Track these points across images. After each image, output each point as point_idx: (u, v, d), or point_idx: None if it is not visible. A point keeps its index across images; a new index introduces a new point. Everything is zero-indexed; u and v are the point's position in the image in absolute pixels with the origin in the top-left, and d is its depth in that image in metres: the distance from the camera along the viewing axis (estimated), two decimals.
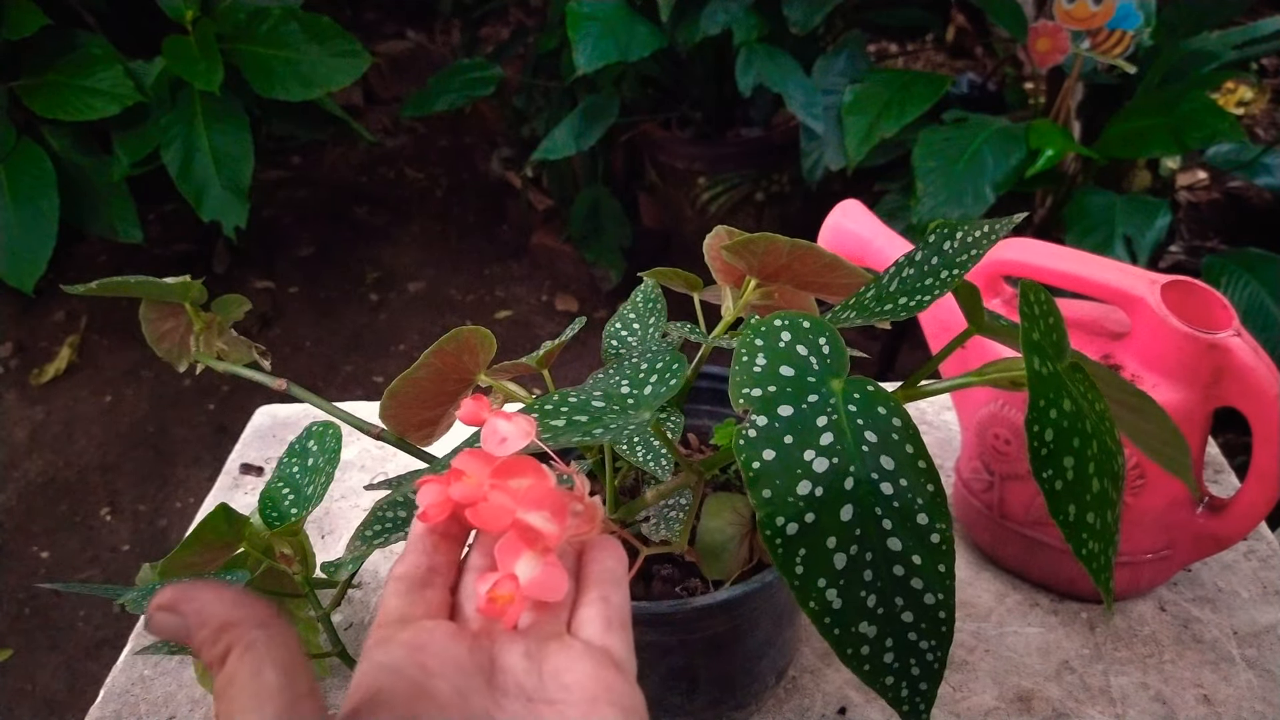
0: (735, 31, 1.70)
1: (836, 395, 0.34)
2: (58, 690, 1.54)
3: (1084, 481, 0.34)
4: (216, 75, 1.70)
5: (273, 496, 0.48)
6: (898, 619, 0.33)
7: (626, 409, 0.38)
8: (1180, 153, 1.55)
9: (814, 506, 0.32)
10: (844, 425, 0.33)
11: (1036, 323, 0.34)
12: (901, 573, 0.33)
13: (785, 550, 0.32)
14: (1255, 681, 0.59)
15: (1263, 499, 0.57)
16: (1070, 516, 0.33)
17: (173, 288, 0.59)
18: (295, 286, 2.40)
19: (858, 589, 0.32)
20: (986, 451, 0.64)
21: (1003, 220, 0.40)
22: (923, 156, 1.50)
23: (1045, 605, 0.66)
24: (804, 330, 0.36)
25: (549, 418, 0.37)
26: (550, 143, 1.84)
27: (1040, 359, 0.33)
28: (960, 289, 0.39)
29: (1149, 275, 0.57)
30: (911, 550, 0.33)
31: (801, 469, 0.32)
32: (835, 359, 0.36)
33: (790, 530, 0.32)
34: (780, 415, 0.33)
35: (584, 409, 0.38)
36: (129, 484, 1.93)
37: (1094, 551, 0.34)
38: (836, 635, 0.32)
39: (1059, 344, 0.35)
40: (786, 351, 0.35)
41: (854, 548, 0.32)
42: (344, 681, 0.62)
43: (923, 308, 0.38)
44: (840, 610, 0.32)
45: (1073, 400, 0.34)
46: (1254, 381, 0.54)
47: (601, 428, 0.36)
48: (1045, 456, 0.32)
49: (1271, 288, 1.39)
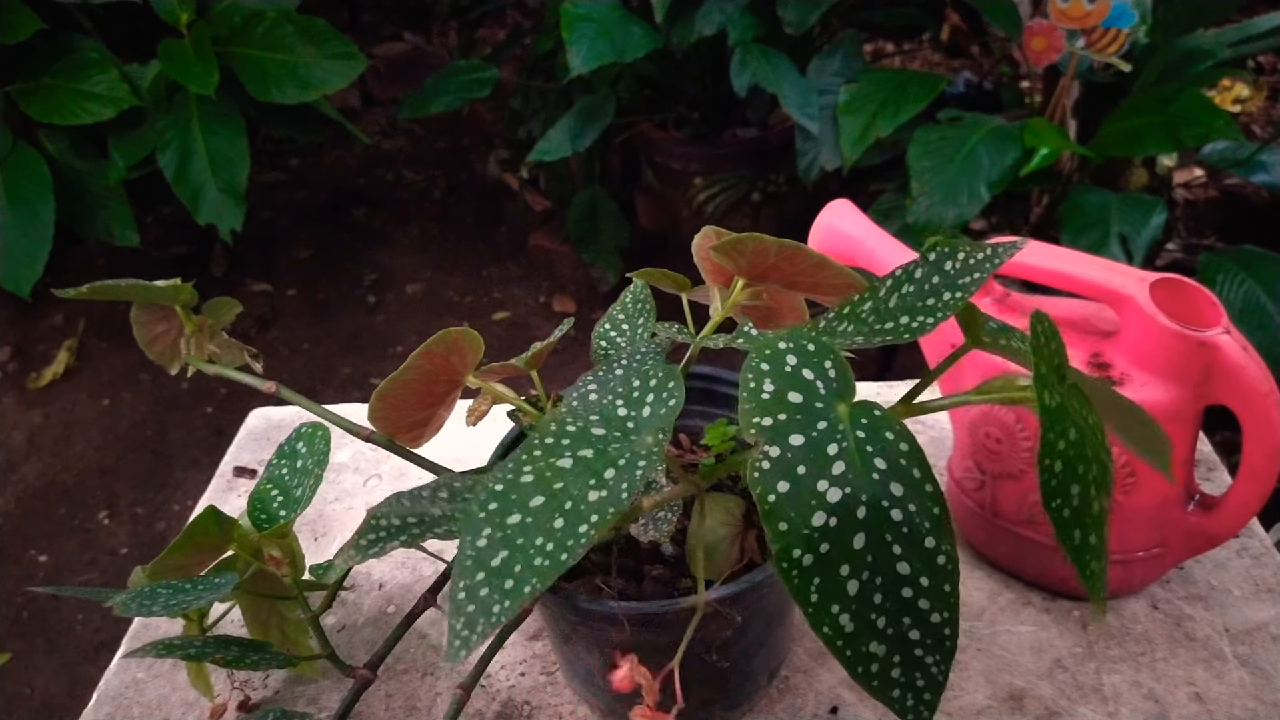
0: (730, 32, 1.70)
1: (845, 421, 0.35)
2: (56, 693, 1.54)
3: (1087, 505, 0.35)
4: (212, 78, 1.70)
5: (262, 498, 0.48)
6: (905, 637, 0.34)
7: (628, 434, 0.38)
8: (1176, 150, 1.55)
9: (828, 537, 0.33)
10: (854, 453, 0.34)
11: (1043, 353, 0.34)
12: (910, 594, 0.33)
13: (801, 580, 0.32)
14: (1247, 679, 0.59)
15: (1254, 496, 0.57)
16: (1076, 540, 0.34)
17: (164, 291, 0.59)
18: (293, 289, 2.40)
19: (869, 612, 0.33)
20: (978, 450, 0.64)
21: (1005, 244, 0.40)
22: (918, 156, 1.50)
23: (1038, 604, 0.66)
24: (809, 353, 0.36)
25: (552, 455, 0.36)
26: (546, 144, 1.85)
27: (1050, 392, 0.34)
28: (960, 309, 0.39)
29: (1138, 273, 0.57)
30: (920, 573, 0.33)
31: (815, 500, 0.33)
32: (841, 381, 0.36)
33: (806, 561, 0.32)
34: (792, 445, 0.34)
35: (585, 440, 0.38)
36: (127, 487, 1.94)
37: (1095, 570, 0.35)
38: (849, 656, 0.33)
39: (1060, 369, 0.36)
40: (793, 376, 0.36)
41: (865, 574, 0.33)
42: (335, 684, 0.62)
43: (926, 330, 0.38)
44: (852, 633, 0.33)
45: (1076, 427, 0.34)
46: (1243, 379, 0.54)
47: (613, 468, 0.36)
48: (1054, 487, 0.33)
49: (1267, 286, 1.39)
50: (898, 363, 1.88)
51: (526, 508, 0.34)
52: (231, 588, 0.43)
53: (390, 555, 0.74)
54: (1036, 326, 0.34)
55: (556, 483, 0.35)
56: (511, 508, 0.34)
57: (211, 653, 0.43)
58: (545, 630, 0.66)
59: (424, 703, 0.62)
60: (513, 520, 0.34)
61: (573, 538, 0.33)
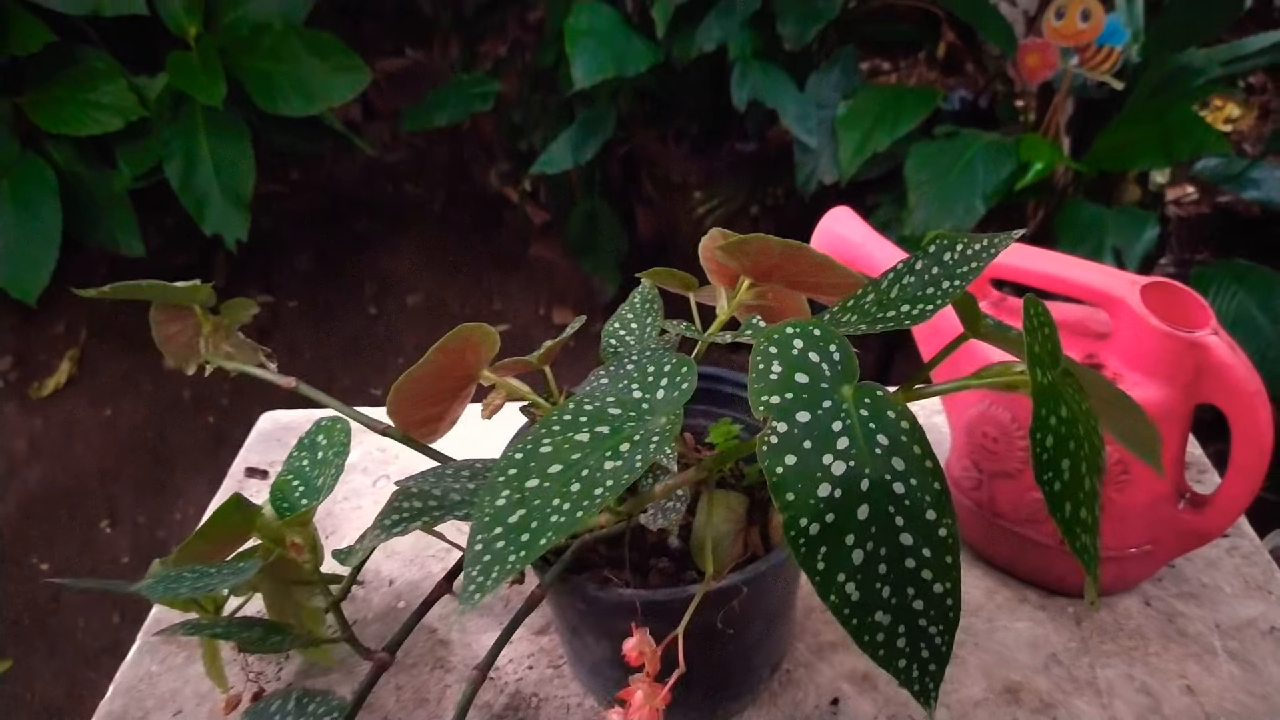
0: (730, 46, 1.72)
1: (849, 401, 0.36)
2: (56, 698, 1.55)
3: (1078, 481, 0.36)
4: (219, 89, 1.72)
5: (283, 489, 0.50)
6: (909, 608, 0.35)
7: (643, 415, 0.40)
8: (1168, 164, 1.58)
9: (833, 508, 0.34)
10: (857, 430, 0.35)
11: (1037, 335, 0.36)
12: (913, 565, 0.35)
13: (808, 549, 0.34)
14: (1237, 673, 0.61)
15: (1242, 493, 0.59)
16: (1066, 514, 0.35)
17: (182, 291, 0.61)
18: (294, 299, 2.42)
19: (874, 582, 0.34)
20: (975, 450, 0.66)
21: (1002, 235, 0.42)
22: (915, 169, 1.52)
23: (1034, 601, 0.67)
24: (815, 338, 0.38)
25: (570, 430, 0.38)
26: (549, 155, 1.87)
27: (1041, 370, 0.35)
28: (959, 298, 0.41)
29: (1129, 276, 0.59)
30: (922, 545, 0.35)
31: (821, 473, 0.34)
32: (845, 365, 0.38)
33: (813, 530, 0.34)
34: (799, 421, 0.35)
35: (602, 418, 0.40)
36: (128, 495, 1.94)
37: (1085, 544, 0.36)
38: (855, 625, 0.34)
39: (1054, 352, 0.37)
40: (800, 359, 0.37)
41: (870, 544, 0.34)
42: (346, 676, 0.63)
43: (926, 317, 0.40)
44: (858, 602, 0.34)
45: (1068, 406, 0.36)
46: (1231, 378, 0.56)
47: (628, 443, 0.37)
48: (1046, 461, 0.35)
49: (1258, 297, 1.41)
50: (896, 369, 1.90)
51: (545, 474, 0.36)
52: (254, 572, 0.45)
53: (399, 553, 0.75)
54: (1030, 310, 0.36)
55: (574, 454, 0.37)
56: (530, 474, 0.36)
57: (237, 633, 0.44)
58: (552, 625, 0.67)
59: (433, 694, 0.63)
60: (531, 484, 0.36)
61: (588, 499, 0.35)
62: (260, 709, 0.44)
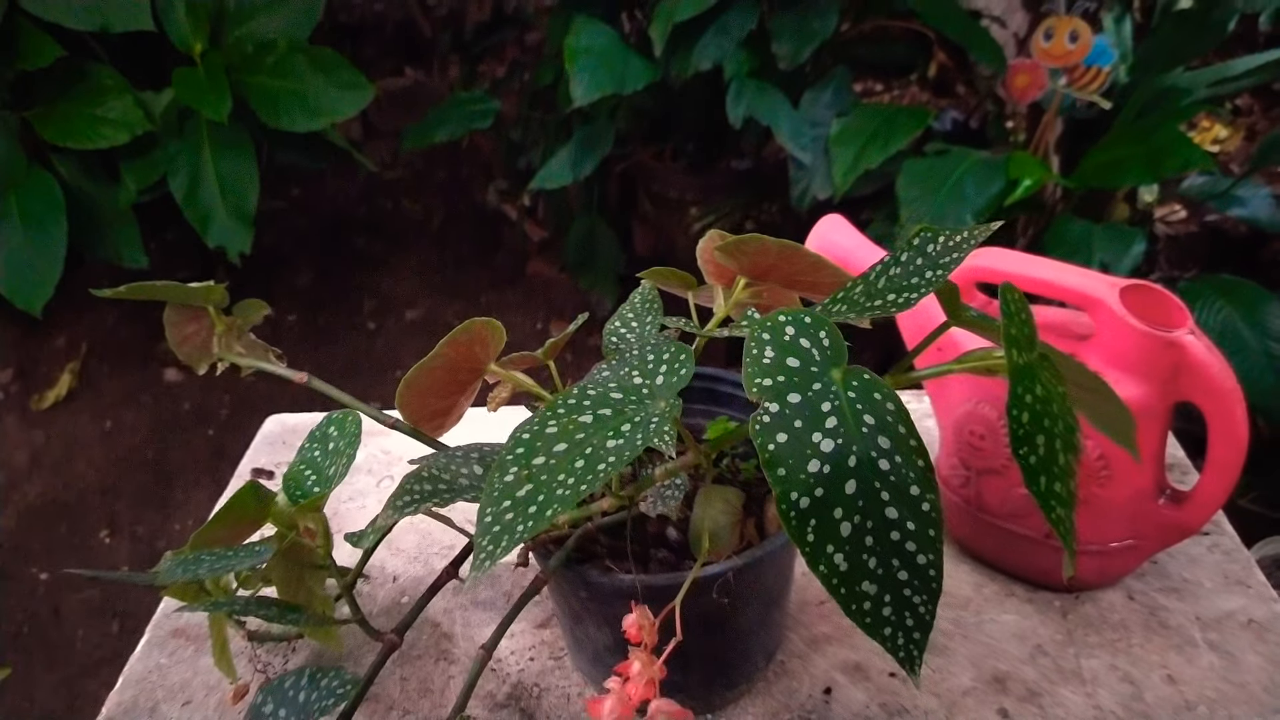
0: (726, 66, 1.76)
1: (838, 383, 0.38)
2: (56, 708, 1.55)
3: (1053, 455, 0.38)
4: (225, 105, 1.75)
5: (296, 478, 0.52)
6: (895, 578, 0.37)
7: (644, 399, 0.43)
8: (1155, 181, 1.61)
9: (823, 482, 0.36)
10: (846, 410, 0.38)
11: (1014, 319, 0.38)
12: (898, 537, 0.37)
13: (798, 521, 0.36)
14: (1217, 663, 0.63)
15: (1220, 488, 0.61)
16: (1042, 487, 0.38)
17: (197, 291, 0.63)
18: (293, 315, 2.44)
19: (861, 553, 0.36)
20: (963, 448, 0.68)
21: (981, 226, 0.44)
22: (906, 186, 1.55)
23: (1020, 594, 0.69)
24: (806, 325, 0.40)
25: (574, 413, 0.41)
26: (547, 172, 1.90)
27: (1018, 351, 0.38)
28: (942, 288, 0.43)
29: (1109, 279, 0.62)
30: (906, 518, 0.37)
31: (811, 449, 0.37)
32: (835, 350, 0.40)
33: (803, 504, 0.36)
34: (790, 402, 0.37)
35: (604, 402, 0.42)
36: (128, 507, 1.96)
37: (1061, 516, 0.38)
38: (843, 594, 0.36)
39: (1030, 337, 0.40)
40: (791, 344, 0.40)
41: (857, 517, 0.37)
42: (354, 665, 0.65)
43: (911, 304, 0.42)
44: (846, 572, 0.36)
45: (1043, 386, 0.38)
46: (1208, 376, 0.58)
47: (629, 424, 0.40)
48: (1022, 436, 0.37)
49: (1244, 311, 1.44)
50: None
51: (551, 452, 0.38)
52: (271, 554, 0.47)
53: (404, 550, 0.77)
54: (1007, 295, 0.38)
55: (578, 434, 0.39)
56: (537, 452, 0.39)
57: (255, 609, 0.46)
58: (554, 618, 0.69)
59: (437, 685, 0.65)
60: (538, 461, 0.38)
61: (592, 473, 0.37)
62: (275, 685, 0.45)
